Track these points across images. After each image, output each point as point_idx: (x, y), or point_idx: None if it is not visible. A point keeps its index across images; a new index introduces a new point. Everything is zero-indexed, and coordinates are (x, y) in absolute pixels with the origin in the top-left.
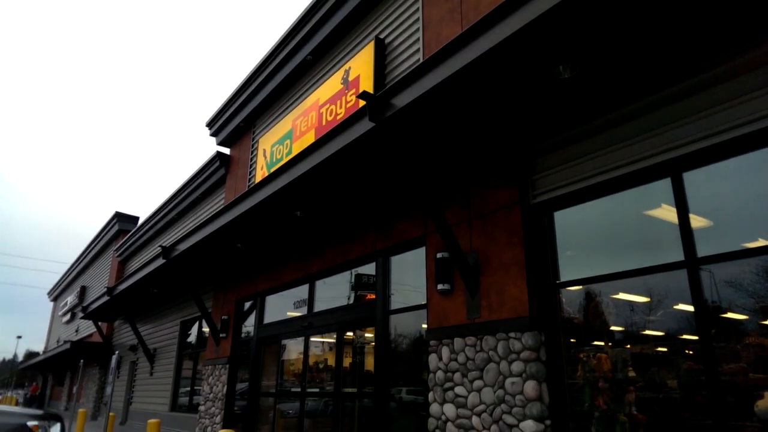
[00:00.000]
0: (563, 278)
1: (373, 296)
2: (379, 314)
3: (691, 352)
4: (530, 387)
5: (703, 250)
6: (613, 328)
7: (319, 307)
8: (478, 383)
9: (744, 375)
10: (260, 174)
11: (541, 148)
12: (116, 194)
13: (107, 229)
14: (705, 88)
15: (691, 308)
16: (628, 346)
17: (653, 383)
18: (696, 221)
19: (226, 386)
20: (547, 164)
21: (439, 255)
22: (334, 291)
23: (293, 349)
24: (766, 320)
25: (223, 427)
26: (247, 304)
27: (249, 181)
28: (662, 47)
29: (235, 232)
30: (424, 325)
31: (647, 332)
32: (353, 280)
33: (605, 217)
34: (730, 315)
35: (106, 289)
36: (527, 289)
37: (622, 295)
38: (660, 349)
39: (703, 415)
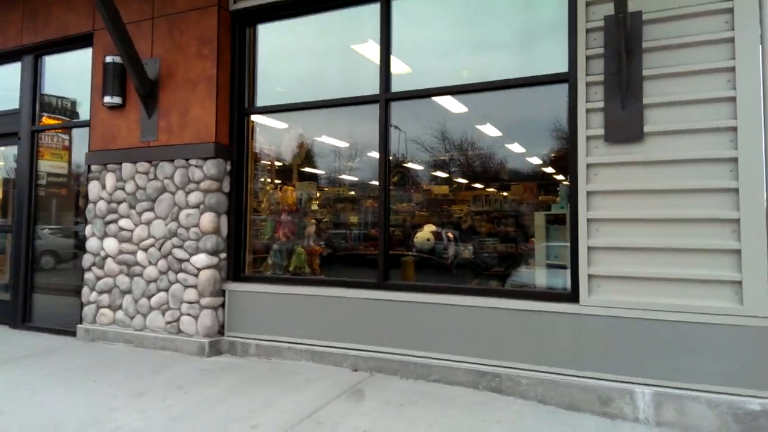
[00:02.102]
0: (259, 103)
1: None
2: (24, 130)
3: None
4: (207, 220)
5: (396, 88)
6: (309, 169)
7: None
8: (148, 215)
9: (411, 213)
10: None
11: None
12: None
13: None
14: None
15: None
16: (326, 189)
17: (337, 219)
18: (398, 66)
19: None
20: None
21: (108, 59)
22: None
23: None
24: (435, 171)
25: None
26: None
27: None
28: None
29: None
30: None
31: (344, 177)
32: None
33: (314, 43)
34: (411, 165)
35: None
36: (216, 112)
37: (325, 138)
38: (350, 192)
39: (375, 246)
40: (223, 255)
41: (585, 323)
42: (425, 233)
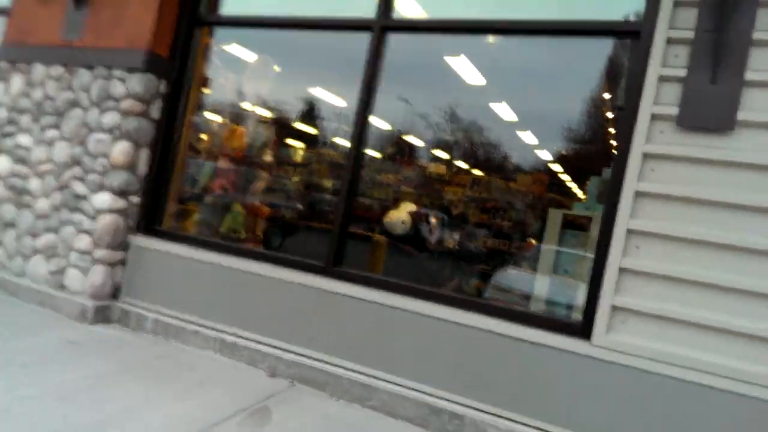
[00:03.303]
0: (222, 12)
1: None
2: None
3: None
4: (120, 150)
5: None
6: (274, 114)
7: None
8: (51, 133)
9: (396, 188)
10: None
11: None
12: None
13: None
14: None
15: (379, 124)
16: (294, 143)
17: (308, 178)
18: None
19: None
20: None
21: None
22: None
23: None
24: (437, 149)
25: None
26: None
27: None
28: None
29: None
30: None
31: (339, 139)
32: None
33: None
34: (411, 137)
35: None
36: (158, 12)
37: (315, 91)
38: (332, 153)
39: (343, 218)
40: (135, 199)
41: (594, 370)
42: (400, 213)
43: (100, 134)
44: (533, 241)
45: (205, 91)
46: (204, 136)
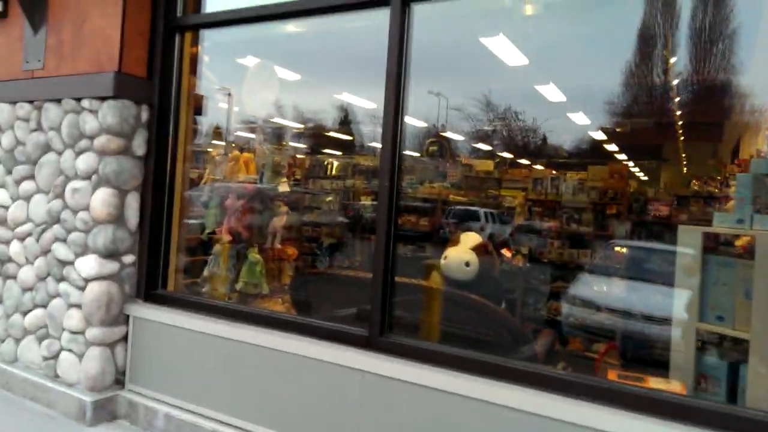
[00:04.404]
0: (208, 8)
1: None
2: None
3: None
4: (100, 200)
5: None
6: (287, 125)
7: None
8: (27, 186)
9: (440, 192)
10: None
11: None
12: None
13: None
14: None
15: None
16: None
17: (344, 192)
18: None
19: None
20: None
21: None
22: None
23: None
24: (477, 143)
25: None
26: None
27: None
28: None
29: None
30: None
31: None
32: None
33: None
34: (450, 134)
35: None
36: (123, 21)
37: (339, 95)
38: (361, 161)
39: (385, 261)
40: (129, 258)
41: None
42: (461, 251)
43: (77, 182)
44: (623, 250)
45: (200, 112)
46: (205, 170)
